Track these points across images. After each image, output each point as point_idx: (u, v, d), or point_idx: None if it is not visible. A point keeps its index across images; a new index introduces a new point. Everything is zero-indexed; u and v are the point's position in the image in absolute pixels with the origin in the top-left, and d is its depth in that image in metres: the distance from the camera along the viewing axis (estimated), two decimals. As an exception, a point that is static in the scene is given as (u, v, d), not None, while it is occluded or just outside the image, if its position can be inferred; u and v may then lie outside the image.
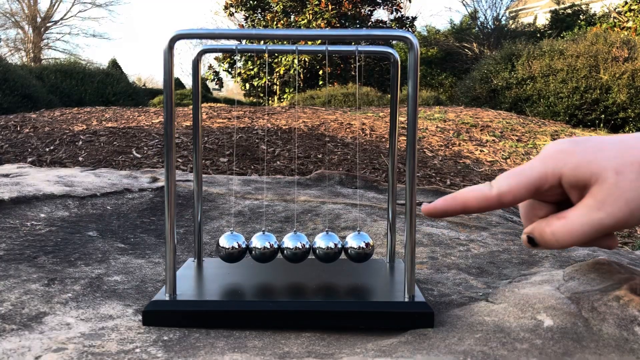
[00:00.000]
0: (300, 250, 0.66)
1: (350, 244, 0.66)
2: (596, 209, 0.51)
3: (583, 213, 0.52)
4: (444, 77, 13.84)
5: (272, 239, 0.67)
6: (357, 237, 0.67)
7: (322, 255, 0.67)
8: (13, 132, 3.89)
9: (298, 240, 0.66)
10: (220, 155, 3.34)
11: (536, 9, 17.61)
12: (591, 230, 0.52)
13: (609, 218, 0.51)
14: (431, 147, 4.06)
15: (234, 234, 0.67)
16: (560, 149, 0.55)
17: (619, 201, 0.50)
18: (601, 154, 0.52)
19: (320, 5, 11.12)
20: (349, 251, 0.66)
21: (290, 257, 0.67)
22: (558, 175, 0.54)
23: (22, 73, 7.85)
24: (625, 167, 0.51)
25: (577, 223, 0.52)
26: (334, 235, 0.67)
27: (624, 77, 6.40)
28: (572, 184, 0.53)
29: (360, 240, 0.66)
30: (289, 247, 0.66)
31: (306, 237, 0.68)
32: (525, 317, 0.56)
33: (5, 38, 22.14)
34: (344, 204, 1.16)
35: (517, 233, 1.00)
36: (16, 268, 0.74)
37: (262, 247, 0.66)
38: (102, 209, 1.09)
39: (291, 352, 0.53)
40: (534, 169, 0.55)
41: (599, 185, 0.51)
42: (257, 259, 0.67)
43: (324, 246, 0.66)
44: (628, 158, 0.51)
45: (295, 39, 0.59)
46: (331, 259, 0.67)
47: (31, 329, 0.57)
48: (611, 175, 0.51)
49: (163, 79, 0.58)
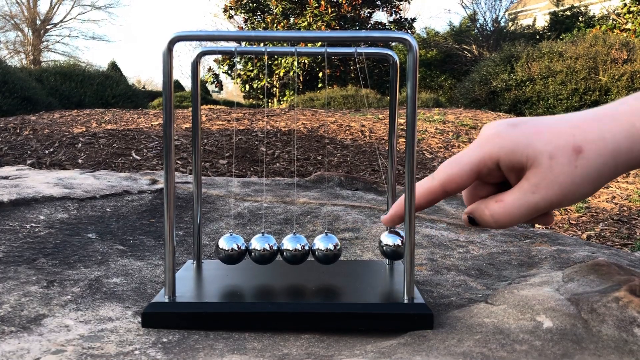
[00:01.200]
0: (300, 252, 0.66)
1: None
2: (531, 192, 0.54)
3: (519, 197, 0.55)
4: (443, 79, 13.85)
5: (272, 241, 0.67)
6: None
7: (321, 257, 0.67)
8: (12, 134, 3.89)
9: (297, 242, 0.66)
10: (220, 157, 3.34)
11: (535, 10, 17.63)
12: (527, 212, 0.55)
13: (543, 201, 0.53)
14: (430, 148, 4.06)
15: (234, 236, 0.67)
16: (497, 132, 0.56)
17: (553, 185, 0.53)
18: (537, 137, 0.54)
19: (319, 8, 11.13)
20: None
21: (290, 259, 0.67)
22: (495, 160, 0.56)
23: (22, 75, 7.86)
24: (558, 151, 0.53)
25: (514, 206, 0.55)
26: (333, 237, 0.67)
27: (623, 79, 6.41)
28: (509, 168, 0.55)
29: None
30: (288, 249, 0.66)
31: (305, 238, 0.68)
32: (525, 318, 0.56)
33: (4, 40, 22.17)
34: (343, 205, 1.16)
35: (517, 235, 1.00)
36: (15, 270, 0.74)
37: (261, 248, 0.66)
38: (101, 211, 1.09)
39: (290, 353, 0.53)
40: (472, 156, 0.57)
41: (534, 169, 0.53)
42: (256, 260, 0.67)
43: (323, 248, 0.66)
44: (561, 142, 0.53)
45: (294, 41, 0.59)
46: (330, 260, 0.67)
47: (30, 331, 0.57)
48: (545, 159, 0.53)
49: (162, 81, 0.58)
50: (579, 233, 2.52)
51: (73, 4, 25.92)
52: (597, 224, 2.71)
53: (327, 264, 0.67)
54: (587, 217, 2.80)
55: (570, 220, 2.75)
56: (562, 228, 2.58)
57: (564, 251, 0.88)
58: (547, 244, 0.94)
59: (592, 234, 2.53)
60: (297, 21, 11.56)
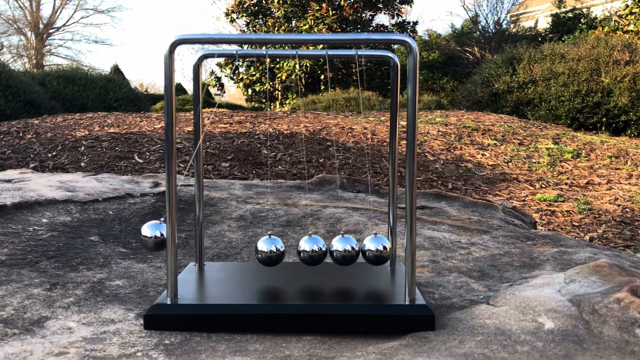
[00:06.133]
0: (317, 253, 0.67)
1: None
2: None
3: None
4: (446, 81, 13.84)
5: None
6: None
7: (339, 259, 0.67)
8: (16, 138, 3.90)
9: (315, 243, 0.67)
10: (222, 160, 3.34)
11: (537, 12, 17.61)
12: None
13: None
14: (433, 151, 4.06)
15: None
16: None
17: None
18: None
19: (321, 11, 11.14)
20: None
21: (307, 260, 0.67)
22: None
23: (25, 79, 7.87)
24: None
25: None
26: (350, 238, 0.67)
27: (626, 81, 6.39)
28: None
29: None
30: (305, 250, 0.66)
31: (323, 240, 0.68)
32: (526, 319, 0.56)
33: (8, 45, 22.22)
34: (345, 207, 1.16)
35: (519, 236, 1.00)
36: (18, 273, 0.74)
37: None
38: (104, 214, 1.09)
39: (292, 355, 0.53)
40: None
41: None
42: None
43: (342, 249, 0.66)
44: None
45: (295, 44, 0.59)
46: (348, 262, 0.67)
47: (33, 334, 0.57)
48: None
49: (164, 84, 0.58)
50: (582, 235, 2.51)
51: (76, 7, 25.99)
52: (599, 226, 2.70)
53: (344, 265, 0.68)
54: (590, 219, 2.79)
55: (573, 222, 2.75)
56: (565, 230, 2.58)
57: (565, 253, 0.88)
58: (549, 245, 0.93)
59: (594, 236, 2.52)
60: (299, 24, 11.57)
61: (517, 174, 3.68)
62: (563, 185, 3.51)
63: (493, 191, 3.20)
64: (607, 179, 3.71)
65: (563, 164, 4.05)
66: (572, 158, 4.25)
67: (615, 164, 4.17)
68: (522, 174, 3.70)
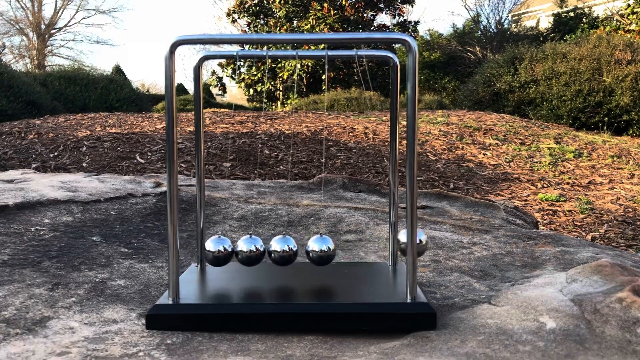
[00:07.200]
0: (326, 253, 0.67)
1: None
2: None
3: None
4: (447, 80, 13.83)
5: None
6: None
7: (315, 259, 0.67)
8: (17, 138, 3.91)
9: (324, 243, 0.67)
10: (224, 160, 3.35)
11: (539, 12, 17.60)
12: None
13: None
14: (434, 150, 4.06)
15: (221, 238, 0.68)
16: None
17: None
18: None
19: (322, 11, 11.14)
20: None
21: (316, 260, 0.67)
22: None
23: (27, 80, 7.89)
24: None
25: None
26: (327, 239, 0.68)
27: (627, 80, 6.38)
28: None
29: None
30: (276, 250, 0.67)
31: (293, 241, 0.68)
32: (528, 319, 0.56)
33: (10, 45, 22.26)
34: (346, 207, 1.16)
35: (520, 236, 1.00)
36: (20, 273, 0.74)
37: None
38: (105, 214, 1.09)
39: (294, 355, 0.53)
40: None
41: None
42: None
43: (318, 249, 0.67)
44: None
45: (296, 43, 0.59)
46: (324, 261, 0.67)
47: (35, 333, 0.57)
48: None
49: (164, 84, 0.58)
50: (583, 234, 2.51)
51: (77, 8, 26.03)
52: (601, 225, 2.70)
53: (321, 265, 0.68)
54: (592, 219, 2.79)
55: (575, 221, 2.75)
56: (567, 229, 2.58)
57: (567, 252, 0.88)
58: (550, 245, 0.93)
59: (596, 235, 2.52)
60: (301, 24, 11.57)
61: (518, 174, 3.68)
62: (565, 185, 3.51)
63: (495, 191, 3.20)
64: (609, 179, 3.70)
65: (565, 164, 4.05)
66: (573, 158, 4.25)
67: (617, 164, 4.17)
68: (524, 174, 3.69)
